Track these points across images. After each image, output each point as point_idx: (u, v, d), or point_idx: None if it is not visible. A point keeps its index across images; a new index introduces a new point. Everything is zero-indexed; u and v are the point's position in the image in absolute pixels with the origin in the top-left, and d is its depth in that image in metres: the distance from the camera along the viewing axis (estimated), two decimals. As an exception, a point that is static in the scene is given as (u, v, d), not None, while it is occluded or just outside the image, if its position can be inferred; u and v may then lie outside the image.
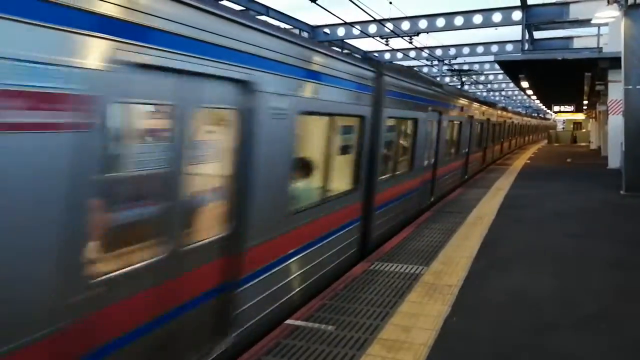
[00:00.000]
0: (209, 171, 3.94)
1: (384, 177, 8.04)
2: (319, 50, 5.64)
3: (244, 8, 16.24)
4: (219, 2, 6.85)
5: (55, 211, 2.51)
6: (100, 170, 2.76)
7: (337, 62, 6.05)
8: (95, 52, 2.62)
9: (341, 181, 6.59)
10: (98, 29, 2.63)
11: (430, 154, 11.37)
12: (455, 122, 13.90)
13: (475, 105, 17.34)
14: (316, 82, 5.39)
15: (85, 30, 2.55)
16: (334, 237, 6.20)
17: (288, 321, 4.69)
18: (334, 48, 11.00)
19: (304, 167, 5.73)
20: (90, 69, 2.60)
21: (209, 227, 3.89)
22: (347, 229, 6.63)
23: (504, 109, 30.21)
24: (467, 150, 16.06)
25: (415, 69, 18.80)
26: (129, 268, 3.08)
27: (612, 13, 12.58)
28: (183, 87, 3.35)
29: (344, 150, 6.80)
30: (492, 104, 24.05)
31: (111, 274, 2.94)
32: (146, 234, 3.32)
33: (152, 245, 3.30)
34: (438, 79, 26.38)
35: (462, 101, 14.75)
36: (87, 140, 2.61)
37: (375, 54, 26.46)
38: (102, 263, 2.91)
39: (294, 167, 5.04)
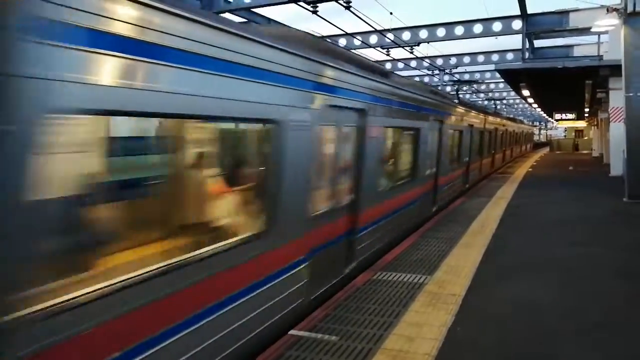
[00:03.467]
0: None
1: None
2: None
3: (245, 20, 16.37)
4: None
5: None
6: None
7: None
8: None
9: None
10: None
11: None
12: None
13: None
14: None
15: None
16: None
17: (292, 332, 4.68)
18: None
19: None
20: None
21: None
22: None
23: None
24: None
25: (416, 79, 18.83)
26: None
27: (611, 21, 12.65)
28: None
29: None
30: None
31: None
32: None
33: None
34: (439, 88, 26.47)
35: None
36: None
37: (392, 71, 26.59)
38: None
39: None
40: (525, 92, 24.14)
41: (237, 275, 4.17)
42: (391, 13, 17.84)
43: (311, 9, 11.57)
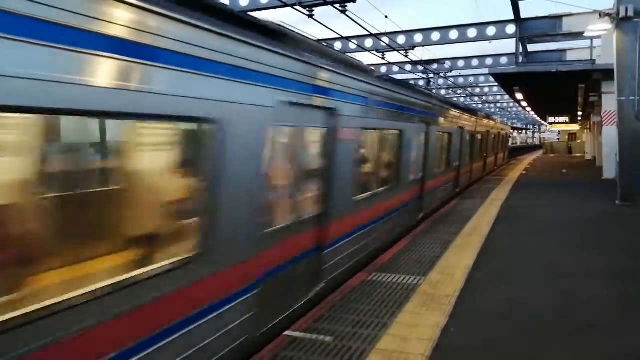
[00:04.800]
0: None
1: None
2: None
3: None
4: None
5: None
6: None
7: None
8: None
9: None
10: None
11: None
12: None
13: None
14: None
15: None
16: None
17: (287, 332, 4.71)
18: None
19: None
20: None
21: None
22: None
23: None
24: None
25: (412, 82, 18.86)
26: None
27: (604, 26, 12.78)
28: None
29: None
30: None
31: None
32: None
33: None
34: (434, 91, 26.56)
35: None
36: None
37: (372, 68, 26.69)
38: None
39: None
40: (519, 96, 24.33)
41: (152, 315, 3.27)
42: (386, 17, 17.92)
43: (307, 12, 11.64)
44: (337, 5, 11.43)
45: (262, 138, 4.43)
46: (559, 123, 38.88)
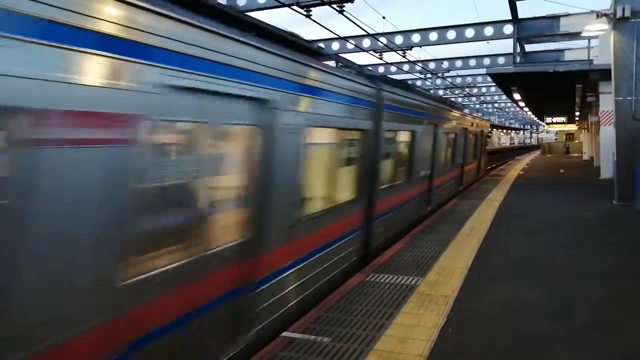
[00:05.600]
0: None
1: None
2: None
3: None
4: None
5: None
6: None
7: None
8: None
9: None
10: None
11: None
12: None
13: None
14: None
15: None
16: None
17: (284, 333, 4.70)
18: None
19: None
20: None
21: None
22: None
23: None
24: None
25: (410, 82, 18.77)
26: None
27: (601, 26, 12.80)
28: None
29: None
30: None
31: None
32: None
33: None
34: (431, 91, 26.55)
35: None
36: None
37: (369, 68, 26.74)
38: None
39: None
40: (517, 96, 24.36)
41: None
42: (384, 17, 17.94)
43: (305, 13, 11.63)
44: (335, 5, 11.42)
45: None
46: (556, 123, 39.00)
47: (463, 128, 16.31)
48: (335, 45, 21.44)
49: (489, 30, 19.51)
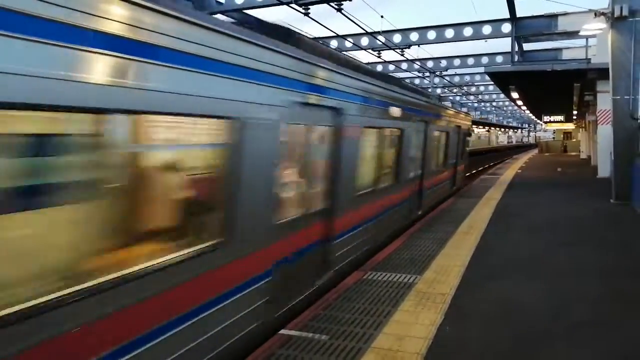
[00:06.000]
0: None
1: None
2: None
3: (235, 21, 16.35)
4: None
5: None
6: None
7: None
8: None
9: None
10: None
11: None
12: None
13: None
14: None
15: None
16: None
17: (282, 331, 4.70)
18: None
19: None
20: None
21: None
22: None
23: None
24: None
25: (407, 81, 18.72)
26: None
27: (599, 25, 12.81)
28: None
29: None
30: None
31: None
32: None
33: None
34: (429, 90, 26.51)
35: None
36: None
37: (368, 66, 26.74)
38: None
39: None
40: (515, 95, 24.37)
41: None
42: (382, 16, 17.92)
43: (303, 11, 11.62)
44: (333, 4, 11.41)
45: None
46: (554, 122, 39.03)
47: (424, 122, 10.95)
48: (334, 44, 21.43)
49: (487, 29, 19.51)
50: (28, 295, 2.63)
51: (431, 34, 20.29)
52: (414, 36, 20.48)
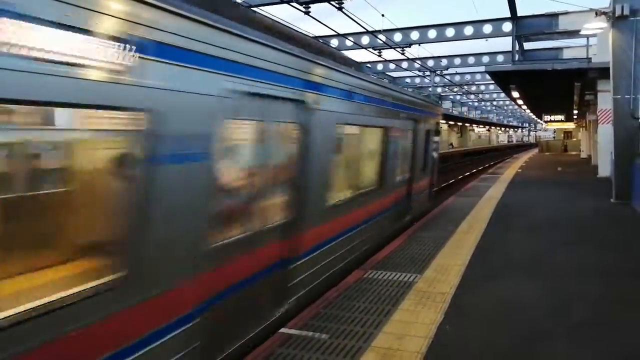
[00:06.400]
0: None
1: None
2: None
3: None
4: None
5: None
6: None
7: None
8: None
9: None
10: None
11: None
12: None
13: None
14: None
15: None
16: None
17: (282, 330, 4.70)
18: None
19: None
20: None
21: None
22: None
23: None
24: None
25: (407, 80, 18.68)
26: None
27: (600, 24, 12.80)
28: None
29: None
30: None
31: None
32: None
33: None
34: (430, 89, 26.50)
35: None
36: None
37: (368, 65, 26.72)
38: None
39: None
40: (515, 94, 24.35)
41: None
42: (383, 15, 17.91)
43: (304, 9, 11.61)
44: (334, 2, 11.40)
45: None
46: (554, 121, 39.02)
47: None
48: (334, 42, 21.41)
49: (487, 28, 19.52)
50: None
51: (432, 33, 20.30)
52: (414, 35, 20.49)
